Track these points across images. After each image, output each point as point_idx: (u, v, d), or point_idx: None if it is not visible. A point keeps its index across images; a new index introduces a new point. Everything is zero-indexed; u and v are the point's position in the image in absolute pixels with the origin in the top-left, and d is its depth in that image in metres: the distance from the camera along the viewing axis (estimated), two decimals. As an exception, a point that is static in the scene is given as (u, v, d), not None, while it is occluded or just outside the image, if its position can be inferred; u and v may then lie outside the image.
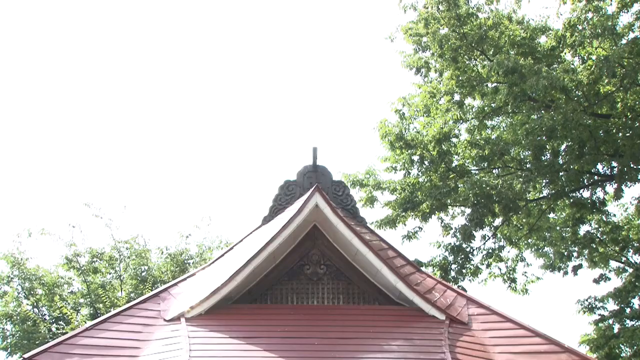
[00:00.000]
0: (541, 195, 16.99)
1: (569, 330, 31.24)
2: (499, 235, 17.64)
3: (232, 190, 34.50)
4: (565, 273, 17.60)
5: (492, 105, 16.49)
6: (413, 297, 9.08)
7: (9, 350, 17.70)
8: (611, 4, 14.32)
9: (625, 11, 14.42)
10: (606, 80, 14.39)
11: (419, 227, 17.18)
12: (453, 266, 16.90)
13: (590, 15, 14.08)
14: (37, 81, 33.88)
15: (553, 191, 16.00)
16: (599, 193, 16.17)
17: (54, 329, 17.93)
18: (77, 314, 17.98)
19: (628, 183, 15.24)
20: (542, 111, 15.24)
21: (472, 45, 15.97)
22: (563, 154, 15.66)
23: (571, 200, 16.31)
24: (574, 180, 15.58)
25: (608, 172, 15.97)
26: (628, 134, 14.88)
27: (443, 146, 16.46)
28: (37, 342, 16.70)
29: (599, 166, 15.95)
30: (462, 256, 16.77)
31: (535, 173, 15.37)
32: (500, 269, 18.25)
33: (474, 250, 17.08)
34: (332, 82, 36.14)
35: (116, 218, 19.86)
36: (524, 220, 17.32)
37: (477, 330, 9.00)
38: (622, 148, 14.78)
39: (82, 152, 33.37)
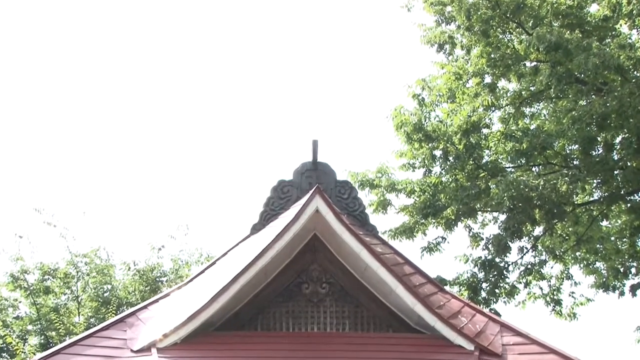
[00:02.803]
0: (592, 199, 16.99)
1: (626, 363, 31.21)
2: (540, 247, 17.64)
3: (216, 195, 34.62)
4: (622, 293, 17.59)
5: (531, 88, 16.49)
6: (435, 322, 9.09)
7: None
8: (677, -35, 14.34)
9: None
10: (671, 58, 14.40)
11: (442, 238, 17.21)
12: (484, 285, 16.91)
13: (652, -22, 14.11)
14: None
15: (606, 193, 16.00)
16: (663, 196, 16.19)
17: (-4, 363, 17.94)
18: (24, 344, 17.97)
19: (698, 183, 15.25)
20: (593, 96, 15.24)
21: (506, 16, 15.98)
22: (618, 147, 15.66)
23: (628, 204, 16.30)
24: (631, 180, 15.57)
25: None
26: (698, 124, 14.89)
27: (471, 138, 16.47)
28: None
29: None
30: (495, 273, 16.78)
31: (584, 171, 15.36)
32: (541, 289, 18.26)
33: (509, 265, 17.09)
34: (336, 64, 36.24)
35: (73, 226, 19.93)
36: (570, 229, 17.32)
37: (513, 363, 9.00)
38: (690, 141, 14.80)
39: (32, 151, 33.52)
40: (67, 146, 34.11)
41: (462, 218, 16.68)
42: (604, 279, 17.83)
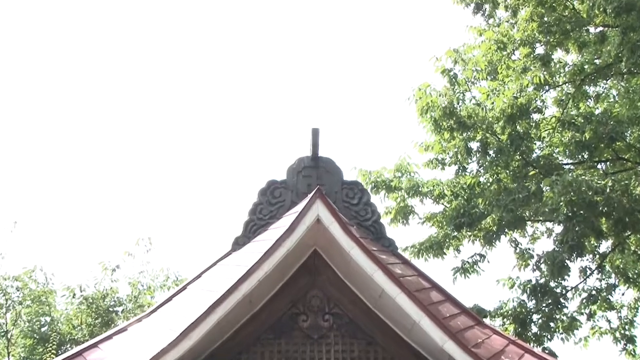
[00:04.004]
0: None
1: None
2: (607, 267, 17.64)
3: (189, 202, 34.68)
4: None
5: (596, 61, 16.47)
6: (471, 364, 9.12)
7: None
8: None
9: None
10: None
11: (481, 255, 17.22)
12: (535, 317, 16.92)
13: None
14: None
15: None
16: None
17: None
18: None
19: None
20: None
21: (564, -33, 16.00)
22: None
23: None
24: None
25: None
26: None
27: (518, 126, 16.48)
28: None
29: None
30: (550, 301, 16.79)
31: (664, 169, 15.38)
32: (609, 322, 18.26)
33: (567, 291, 17.10)
34: (340, 37, 36.29)
35: (1, 242, 20.02)
36: (647, 243, 17.34)
37: (573, 418, 9.05)
38: None
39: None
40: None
41: (506, 230, 16.68)
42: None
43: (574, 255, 16.21)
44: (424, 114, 16.82)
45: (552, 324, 16.93)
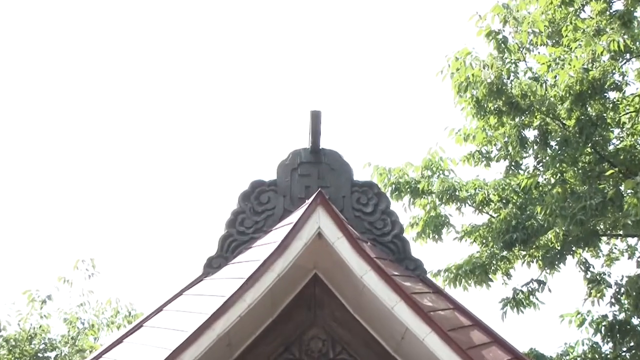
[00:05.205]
0: None
1: None
2: None
3: (146, 216, 34.81)
4: None
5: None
6: None
7: None
8: None
9: None
10: None
11: (539, 282, 17.21)
12: (612, 365, 16.96)
13: None
14: None
15: None
16: None
17: None
18: None
19: None
20: None
21: None
22: None
23: None
24: None
25: None
26: None
27: (589, 109, 16.48)
28: None
29: None
30: (632, 343, 16.81)
31: None
32: None
33: (656, 330, 17.11)
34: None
35: None
36: None
37: None
38: None
39: None
40: None
41: (573, 248, 16.69)
42: None
43: (665, 282, 16.25)
44: (462, 92, 16.81)
45: (635, 375, 16.98)
